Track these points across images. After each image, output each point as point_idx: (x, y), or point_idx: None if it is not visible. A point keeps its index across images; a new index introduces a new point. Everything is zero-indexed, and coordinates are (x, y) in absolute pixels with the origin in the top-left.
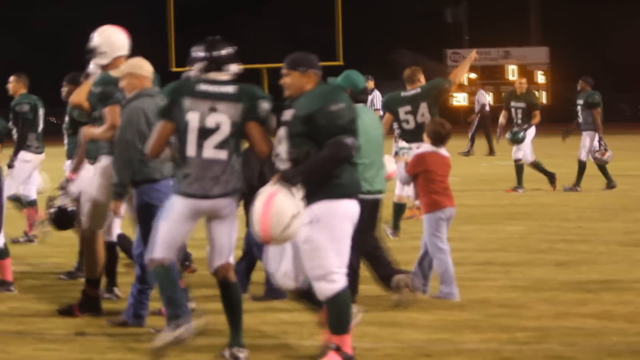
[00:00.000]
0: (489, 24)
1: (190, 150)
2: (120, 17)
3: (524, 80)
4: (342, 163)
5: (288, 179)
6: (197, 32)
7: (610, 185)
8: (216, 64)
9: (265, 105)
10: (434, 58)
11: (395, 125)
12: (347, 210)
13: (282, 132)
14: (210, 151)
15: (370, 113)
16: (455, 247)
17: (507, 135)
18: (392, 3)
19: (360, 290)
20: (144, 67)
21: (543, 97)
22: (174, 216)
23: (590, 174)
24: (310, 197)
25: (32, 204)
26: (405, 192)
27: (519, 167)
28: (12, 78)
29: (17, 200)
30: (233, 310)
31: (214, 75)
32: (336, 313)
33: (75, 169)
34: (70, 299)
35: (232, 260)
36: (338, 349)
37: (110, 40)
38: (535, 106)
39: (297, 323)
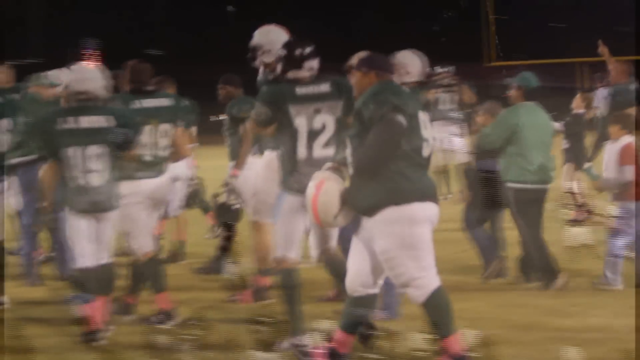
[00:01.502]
0: None
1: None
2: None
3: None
4: (392, 142)
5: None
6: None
7: None
8: (296, 62)
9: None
10: None
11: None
12: (416, 214)
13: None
14: (319, 150)
15: (541, 111)
16: None
17: None
18: None
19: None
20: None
21: None
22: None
23: None
24: (376, 206)
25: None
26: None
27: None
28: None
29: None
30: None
31: (294, 74)
32: (435, 317)
33: (239, 165)
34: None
35: None
36: (448, 353)
37: (273, 39)
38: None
39: None
